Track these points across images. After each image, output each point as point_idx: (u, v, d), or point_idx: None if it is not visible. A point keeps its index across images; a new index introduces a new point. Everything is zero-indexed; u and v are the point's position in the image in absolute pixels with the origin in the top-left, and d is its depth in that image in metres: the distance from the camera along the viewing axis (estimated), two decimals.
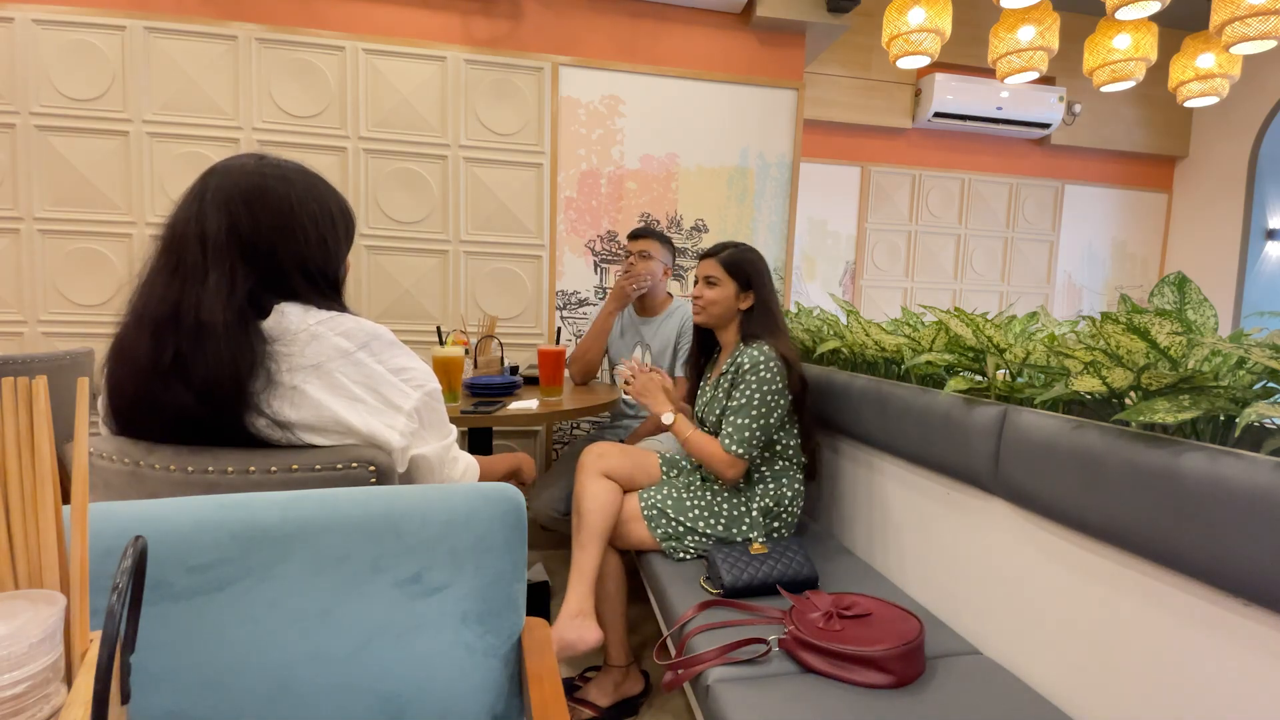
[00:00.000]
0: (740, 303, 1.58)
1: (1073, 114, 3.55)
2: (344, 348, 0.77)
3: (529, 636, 0.80)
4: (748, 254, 1.60)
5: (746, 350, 1.50)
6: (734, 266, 1.58)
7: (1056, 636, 1.04)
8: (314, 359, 0.75)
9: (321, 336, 0.77)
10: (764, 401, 1.46)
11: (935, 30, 2.09)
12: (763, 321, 1.56)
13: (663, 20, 2.54)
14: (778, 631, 1.14)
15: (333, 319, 0.79)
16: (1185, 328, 0.85)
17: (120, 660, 0.44)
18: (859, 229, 3.49)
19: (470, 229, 2.45)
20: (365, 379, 0.78)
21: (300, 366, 0.75)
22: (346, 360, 0.77)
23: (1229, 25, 1.95)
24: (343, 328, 0.79)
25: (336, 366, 0.76)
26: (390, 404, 0.80)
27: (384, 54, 2.32)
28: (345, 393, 0.77)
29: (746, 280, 1.57)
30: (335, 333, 0.78)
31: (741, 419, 1.46)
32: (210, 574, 0.66)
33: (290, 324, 0.77)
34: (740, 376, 1.49)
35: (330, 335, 0.77)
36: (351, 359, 0.77)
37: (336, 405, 0.76)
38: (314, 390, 0.75)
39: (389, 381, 0.80)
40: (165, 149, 2.22)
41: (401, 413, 0.80)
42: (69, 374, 1.97)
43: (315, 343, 0.76)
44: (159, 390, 0.73)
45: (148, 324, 0.74)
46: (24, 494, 0.45)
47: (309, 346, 0.76)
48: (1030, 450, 1.05)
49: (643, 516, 1.50)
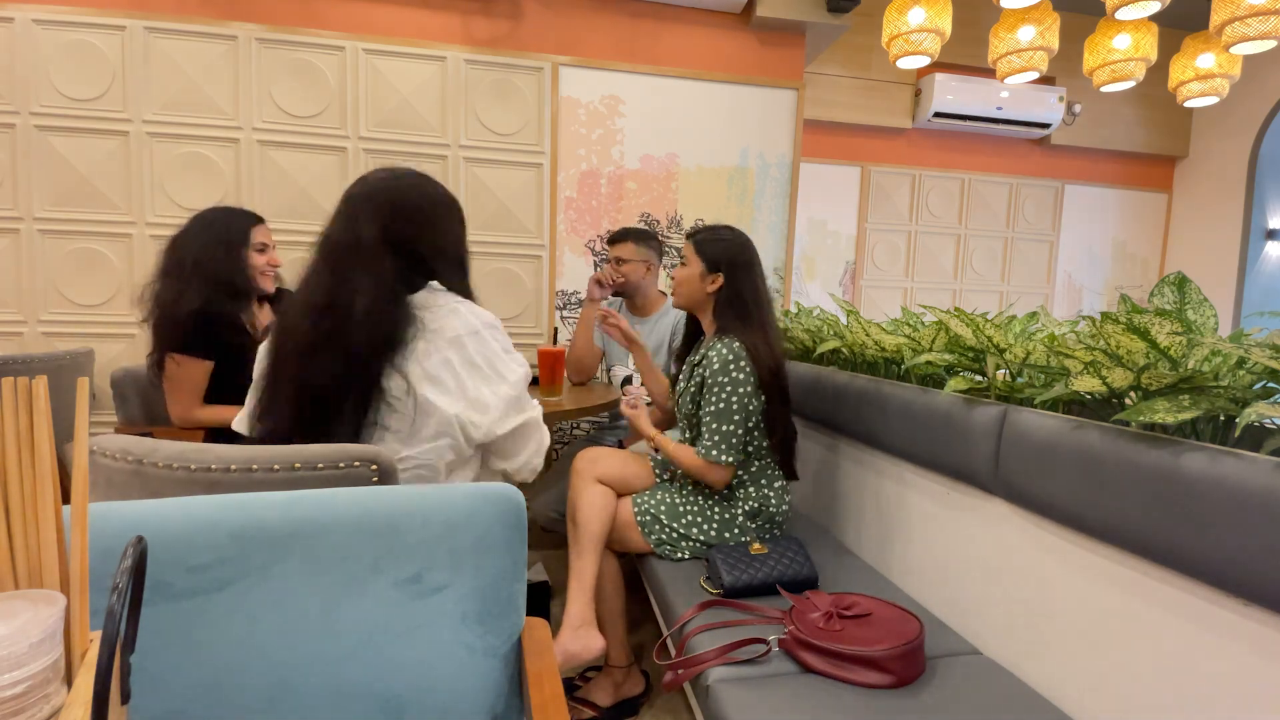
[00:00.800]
0: (707, 285, 1.53)
1: (1073, 114, 3.55)
2: (473, 325, 1.01)
3: (529, 636, 0.80)
4: (724, 236, 1.55)
5: (716, 345, 1.46)
6: (702, 246, 1.54)
7: (1056, 636, 1.04)
8: (451, 331, 0.99)
9: (458, 311, 1.01)
10: (740, 404, 1.43)
11: (935, 30, 2.09)
12: (736, 309, 1.50)
13: (663, 20, 2.54)
14: (778, 631, 1.14)
15: (463, 302, 1.04)
16: (1185, 328, 0.85)
17: (120, 660, 0.44)
18: (859, 229, 3.49)
19: (470, 229, 2.42)
20: (484, 351, 1.01)
21: (441, 334, 0.98)
22: (474, 336, 1.01)
23: (1229, 25, 1.95)
24: (472, 309, 1.04)
25: (466, 339, 1.00)
26: (500, 374, 1.02)
27: (384, 54, 2.32)
28: (469, 359, 0.99)
29: (715, 263, 1.52)
30: (468, 311, 1.02)
31: (723, 424, 1.42)
32: (210, 574, 0.66)
33: (437, 298, 1.02)
34: (711, 377, 1.44)
35: (464, 312, 1.02)
36: (477, 336, 1.01)
37: (461, 370, 0.99)
38: (450, 354, 0.98)
39: (501, 357, 1.03)
40: (165, 149, 2.22)
41: (507, 382, 1.03)
42: (69, 374, 1.97)
43: (453, 316, 1.00)
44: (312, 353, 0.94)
45: (308, 308, 0.96)
46: (24, 494, 0.45)
47: (449, 318, 1.00)
48: (1030, 450, 1.05)
49: (636, 523, 1.50)
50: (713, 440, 1.43)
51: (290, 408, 0.95)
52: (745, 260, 1.53)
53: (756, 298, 1.52)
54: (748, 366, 1.44)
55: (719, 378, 1.43)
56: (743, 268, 1.52)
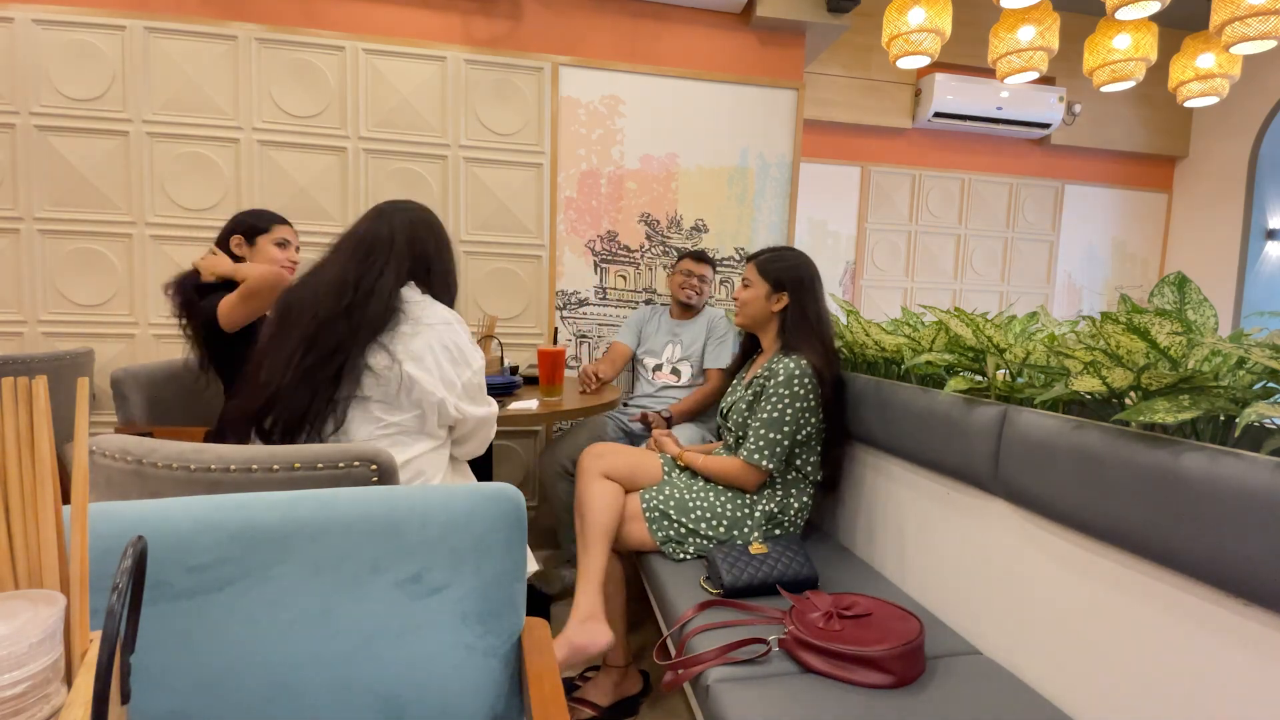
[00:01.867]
0: (773, 305, 1.60)
1: (1073, 114, 3.55)
2: (445, 317, 1.22)
3: (529, 636, 0.80)
4: (787, 257, 1.64)
5: (783, 360, 1.51)
6: (766, 268, 1.62)
7: (1056, 636, 1.04)
8: (431, 319, 1.19)
9: (433, 306, 1.22)
10: (795, 417, 1.48)
11: (935, 30, 2.09)
12: (801, 328, 1.57)
13: (663, 20, 2.54)
14: (778, 631, 1.14)
15: (435, 303, 1.24)
16: (1185, 328, 0.85)
17: (120, 660, 0.44)
18: (859, 229, 3.49)
19: (470, 229, 2.44)
20: (454, 341, 1.20)
21: (422, 321, 1.17)
22: (447, 326, 1.20)
23: (1229, 25, 1.95)
24: (443, 308, 1.24)
25: (438, 328, 1.19)
26: (466, 361, 1.22)
27: (384, 54, 2.32)
28: (441, 344, 1.18)
29: (779, 283, 1.60)
30: (441, 307, 1.23)
31: (772, 433, 1.48)
32: (210, 574, 0.66)
33: (416, 296, 1.22)
34: (773, 388, 1.49)
35: (439, 307, 1.23)
36: (451, 326, 1.21)
37: (438, 351, 1.17)
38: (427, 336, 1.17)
39: (465, 349, 1.22)
40: (165, 149, 2.22)
41: (471, 368, 1.23)
42: (69, 374, 1.97)
43: (432, 307, 1.21)
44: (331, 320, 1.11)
45: (332, 285, 1.14)
46: (24, 494, 0.45)
47: (429, 309, 1.20)
48: (1030, 450, 1.05)
49: (644, 517, 1.50)
50: (758, 445, 1.49)
51: (290, 358, 1.09)
52: (807, 280, 1.61)
53: (819, 316, 1.59)
54: (811, 384, 1.49)
55: (780, 389, 1.48)
56: (806, 287, 1.60)
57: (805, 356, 1.51)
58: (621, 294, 2.60)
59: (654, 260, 2.61)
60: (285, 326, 1.14)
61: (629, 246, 2.58)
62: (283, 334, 1.13)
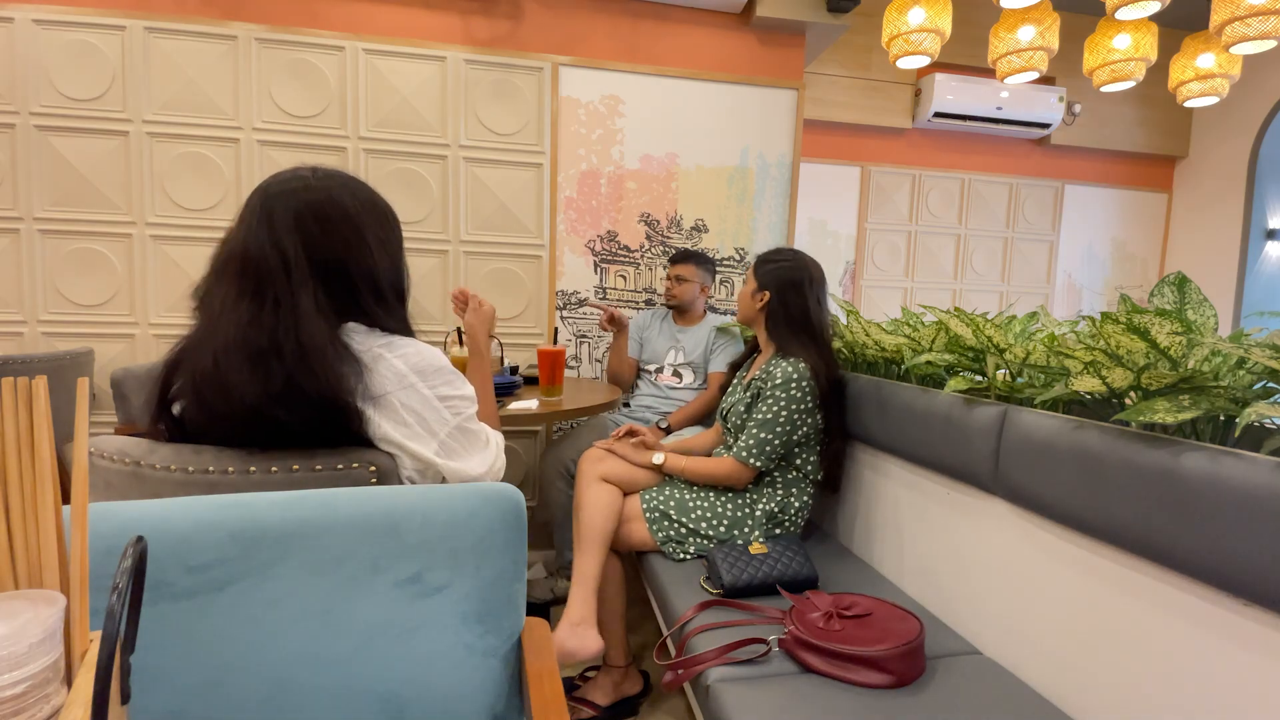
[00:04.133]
0: (756, 302, 1.63)
1: (1073, 114, 3.55)
2: (400, 371, 0.81)
3: (529, 636, 0.80)
4: (777, 258, 1.65)
5: (781, 363, 1.52)
6: (758, 267, 1.66)
7: (1056, 636, 1.04)
8: (378, 388, 0.79)
9: (383, 358, 0.81)
10: (790, 419, 1.50)
11: (935, 30, 2.09)
12: (786, 327, 1.58)
13: (663, 20, 2.54)
14: (778, 631, 1.14)
15: (391, 344, 0.83)
16: (1185, 328, 0.85)
17: (120, 660, 0.44)
18: (859, 229, 3.49)
19: (470, 229, 2.44)
20: (416, 405, 0.82)
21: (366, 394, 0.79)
22: (402, 386, 0.81)
23: (1229, 25, 1.95)
24: (401, 352, 0.82)
25: (394, 393, 0.81)
26: (430, 430, 0.83)
27: (384, 54, 2.32)
28: (397, 417, 0.81)
29: (763, 282, 1.62)
30: (395, 356, 0.82)
31: (765, 433, 1.49)
32: (210, 574, 0.66)
33: (356, 346, 0.80)
34: (770, 391, 1.51)
35: (391, 359, 0.81)
36: (406, 384, 0.81)
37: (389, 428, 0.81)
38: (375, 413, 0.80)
39: (434, 408, 0.83)
40: (165, 149, 2.21)
41: (436, 439, 0.84)
42: (69, 374, 1.97)
43: (379, 364, 0.80)
44: (271, 413, 0.75)
45: (247, 354, 0.74)
46: (24, 494, 0.45)
47: (376, 367, 0.79)
48: (1030, 450, 1.05)
49: (644, 517, 1.51)
50: (749, 445, 1.51)
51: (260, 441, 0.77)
52: (795, 280, 1.60)
53: (806, 316, 1.58)
54: (808, 386, 1.50)
55: (777, 391, 1.50)
56: (792, 288, 1.59)
57: (803, 359, 1.52)
58: (621, 294, 2.60)
59: (654, 260, 2.61)
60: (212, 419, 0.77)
61: (629, 246, 2.58)
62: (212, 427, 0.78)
